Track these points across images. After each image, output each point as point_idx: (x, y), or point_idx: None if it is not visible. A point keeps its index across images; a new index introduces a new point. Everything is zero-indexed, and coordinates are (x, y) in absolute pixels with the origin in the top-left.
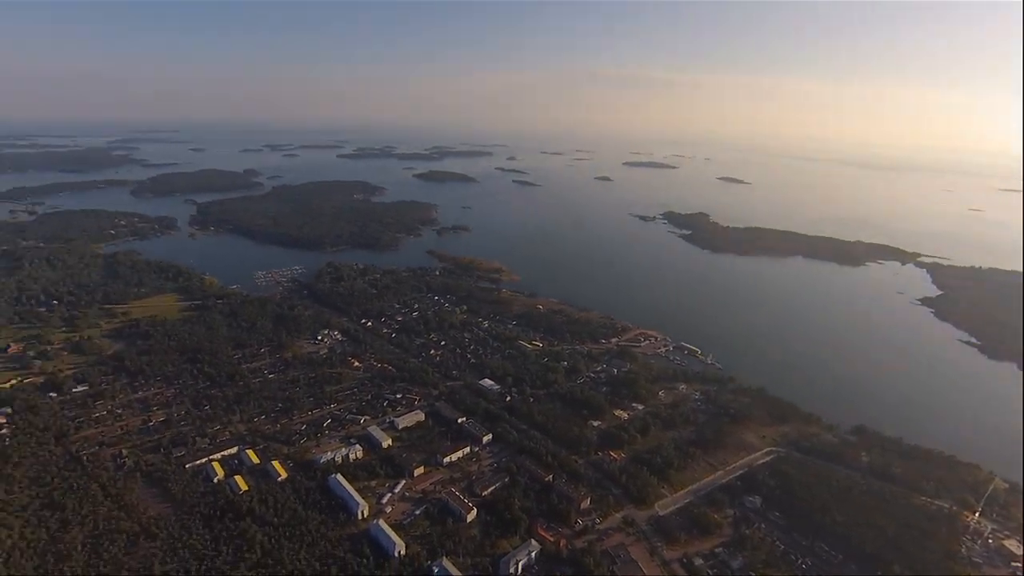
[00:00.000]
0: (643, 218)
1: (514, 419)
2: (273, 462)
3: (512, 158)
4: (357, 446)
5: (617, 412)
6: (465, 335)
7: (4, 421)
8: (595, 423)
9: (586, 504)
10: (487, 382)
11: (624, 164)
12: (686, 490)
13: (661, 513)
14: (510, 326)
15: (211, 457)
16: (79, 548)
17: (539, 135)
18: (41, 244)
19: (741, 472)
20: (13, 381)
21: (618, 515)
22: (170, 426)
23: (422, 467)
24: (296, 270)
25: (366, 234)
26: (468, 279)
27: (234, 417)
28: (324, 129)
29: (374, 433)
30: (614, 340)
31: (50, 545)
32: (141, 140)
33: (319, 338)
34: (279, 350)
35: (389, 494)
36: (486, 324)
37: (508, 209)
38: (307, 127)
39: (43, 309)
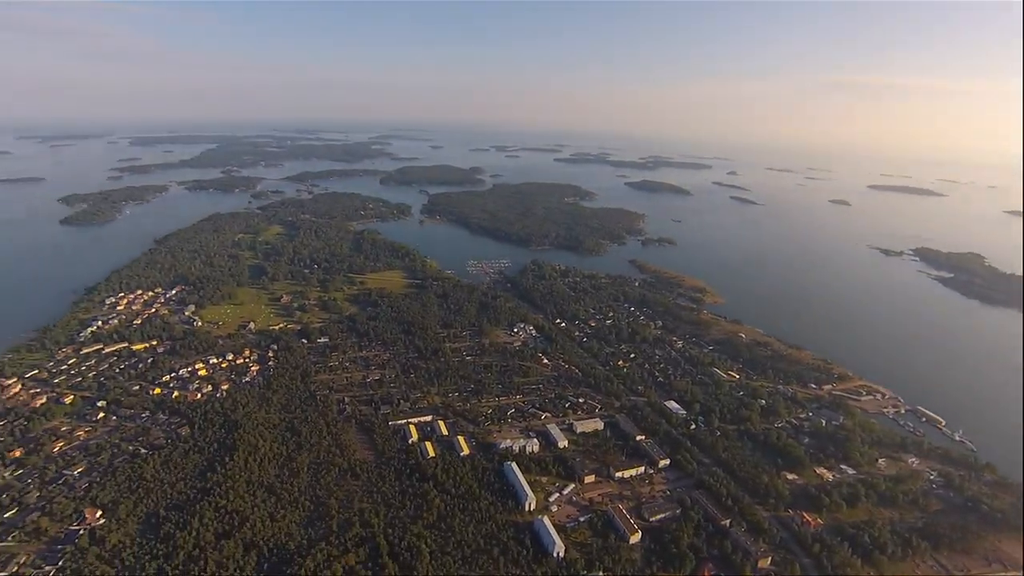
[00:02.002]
0: (886, 252)
1: (696, 449)
2: (459, 437)
3: (733, 173)
4: (535, 440)
5: (819, 470)
6: (656, 352)
7: (272, 355)
8: (790, 476)
9: (766, 564)
10: (672, 404)
11: (869, 187)
12: None
13: None
14: (706, 350)
15: (410, 420)
16: (305, 469)
17: (765, 149)
18: (313, 218)
19: None
20: (281, 325)
21: None
22: (382, 385)
23: (593, 476)
24: (503, 263)
25: (572, 236)
26: (668, 294)
27: (432, 389)
28: (545, 133)
29: (552, 431)
30: (827, 387)
31: (287, 462)
32: (394, 137)
33: (515, 330)
34: (479, 335)
35: (557, 494)
36: (680, 344)
37: (721, 227)
38: (531, 131)
39: (307, 271)
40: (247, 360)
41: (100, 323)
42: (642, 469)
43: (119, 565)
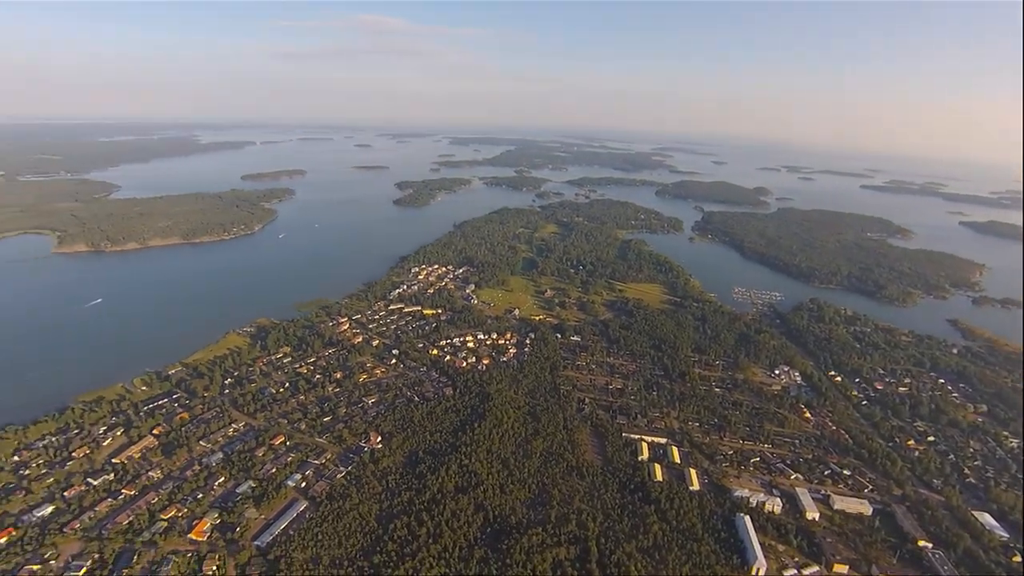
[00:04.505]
0: None
1: None
2: (691, 469)
3: None
4: (778, 500)
5: None
6: (971, 443)
7: (529, 342)
8: None
9: None
10: (987, 518)
11: None
12: None
13: None
14: None
15: (643, 437)
16: (537, 455)
17: None
18: (586, 222)
19: None
20: (541, 316)
21: None
22: (623, 395)
23: (846, 567)
24: (775, 296)
25: (868, 279)
26: (1004, 373)
27: (672, 412)
28: (854, 155)
29: (801, 497)
30: None
31: (523, 443)
32: (676, 149)
33: (776, 372)
34: (732, 368)
35: (794, 571)
36: (1014, 444)
37: None
38: (834, 151)
39: (572, 270)
40: (507, 342)
41: (404, 287)
42: None
43: (385, 485)
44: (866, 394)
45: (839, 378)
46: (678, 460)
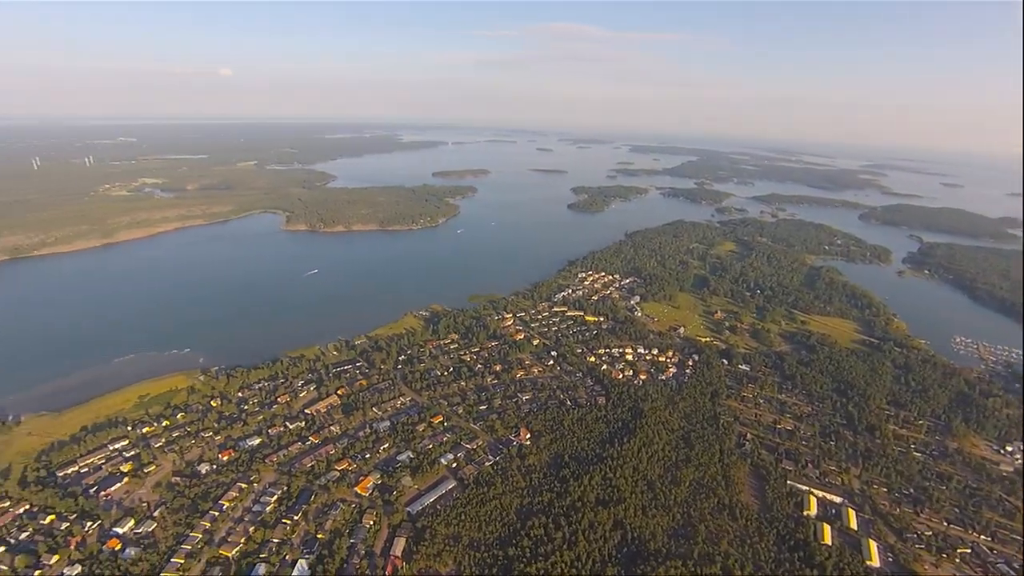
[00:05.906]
0: None
1: None
2: (870, 540)
3: None
4: None
5: None
6: None
7: (691, 364)
8: None
9: None
10: None
11: None
12: None
13: None
14: None
15: (812, 490)
16: (686, 484)
17: None
18: (769, 242)
19: None
20: (707, 339)
21: None
22: (792, 439)
23: None
24: (1015, 353)
25: None
26: None
27: (853, 469)
28: None
29: None
30: None
31: (672, 468)
32: (892, 167)
33: (1007, 448)
34: (942, 433)
35: None
36: None
37: None
38: None
39: (748, 294)
40: (668, 360)
41: (569, 291)
42: None
43: (528, 481)
44: None
45: None
46: (854, 526)
